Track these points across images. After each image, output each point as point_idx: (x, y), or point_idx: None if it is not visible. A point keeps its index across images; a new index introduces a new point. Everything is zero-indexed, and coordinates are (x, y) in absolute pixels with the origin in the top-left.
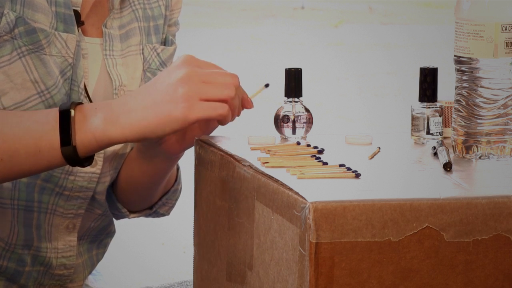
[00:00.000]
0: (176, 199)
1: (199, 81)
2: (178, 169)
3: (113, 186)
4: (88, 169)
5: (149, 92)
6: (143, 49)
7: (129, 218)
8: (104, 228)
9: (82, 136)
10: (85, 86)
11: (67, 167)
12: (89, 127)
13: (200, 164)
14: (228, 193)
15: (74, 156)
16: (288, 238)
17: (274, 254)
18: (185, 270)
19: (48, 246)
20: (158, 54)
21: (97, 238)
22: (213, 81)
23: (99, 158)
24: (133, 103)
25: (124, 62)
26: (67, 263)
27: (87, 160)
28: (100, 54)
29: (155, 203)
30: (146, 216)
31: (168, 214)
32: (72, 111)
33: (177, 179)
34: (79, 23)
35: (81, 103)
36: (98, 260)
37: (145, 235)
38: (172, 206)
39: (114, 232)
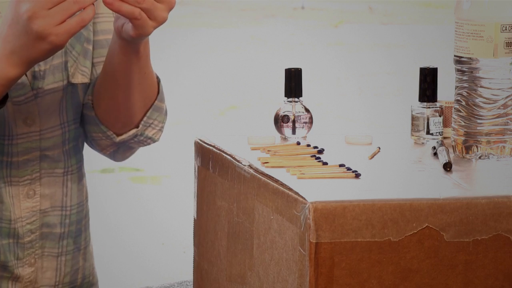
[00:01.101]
0: (163, 122)
1: (44, 11)
2: (159, 82)
3: (95, 109)
4: (26, 129)
5: (14, 35)
6: None
7: (116, 141)
8: (77, 193)
9: None
10: None
11: (7, 132)
12: None
13: (200, 164)
14: (228, 193)
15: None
16: (288, 238)
17: (274, 254)
18: (185, 270)
19: (12, 218)
20: None
21: (78, 219)
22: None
23: (35, 116)
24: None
25: None
26: (32, 228)
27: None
28: None
29: (140, 121)
30: (135, 140)
31: (157, 139)
32: None
33: (159, 92)
34: None
35: None
36: (76, 235)
37: (145, 235)
38: (160, 130)
39: (87, 198)
